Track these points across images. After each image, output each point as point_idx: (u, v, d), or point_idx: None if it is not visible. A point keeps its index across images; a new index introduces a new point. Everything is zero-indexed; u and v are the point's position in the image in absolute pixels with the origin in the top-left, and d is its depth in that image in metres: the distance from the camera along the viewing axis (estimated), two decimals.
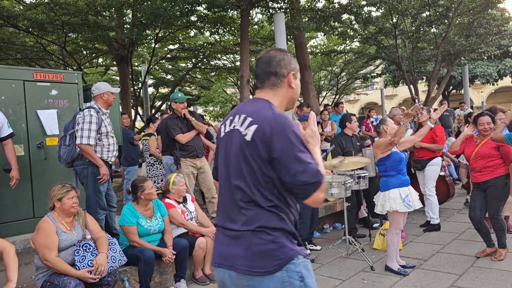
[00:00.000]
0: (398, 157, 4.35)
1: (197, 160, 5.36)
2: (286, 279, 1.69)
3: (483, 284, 3.95)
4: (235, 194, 1.78)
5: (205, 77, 19.17)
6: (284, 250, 1.71)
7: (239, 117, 1.82)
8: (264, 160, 1.71)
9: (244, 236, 1.73)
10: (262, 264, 1.69)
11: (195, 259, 4.30)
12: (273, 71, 1.85)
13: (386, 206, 4.33)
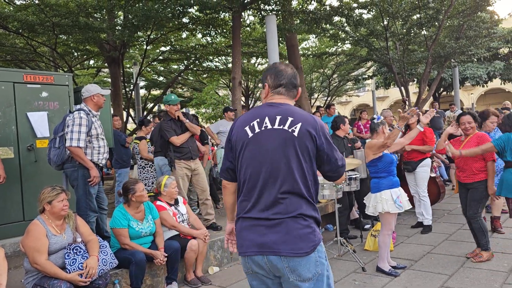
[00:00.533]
0: (389, 159, 4.38)
1: (191, 162, 5.35)
2: (318, 259, 2.00)
3: (473, 284, 3.99)
4: (273, 186, 2.01)
5: (197, 79, 19.14)
6: (316, 234, 2.01)
7: (273, 118, 2.08)
8: (310, 152, 2.04)
9: (283, 223, 1.98)
10: (301, 246, 1.95)
11: (187, 261, 4.29)
12: (297, 84, 2.20)
13: (378, 207, 4.36)
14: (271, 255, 1.98)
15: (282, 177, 2.00)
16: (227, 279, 4.52)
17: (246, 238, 2.05)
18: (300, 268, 1.96)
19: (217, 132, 7.52)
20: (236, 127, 2.17)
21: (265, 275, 2.07)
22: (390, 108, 13.81)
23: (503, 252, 4.84)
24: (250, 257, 2.05)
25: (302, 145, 2.02)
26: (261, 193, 2.03)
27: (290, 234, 1.97)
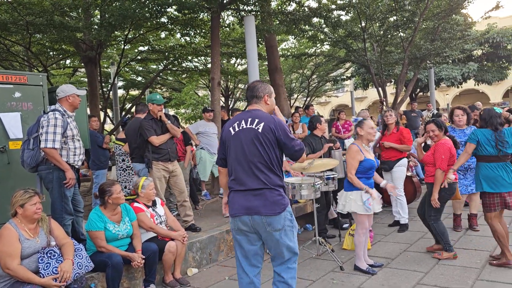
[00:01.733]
0: (369, 165, 4.40)
1: (169, 163, 5.30)
2: (286, 216, 2.92)
3: (447, 281, 4.07)
4: (254, 167, 2.90)
5: (176, 79, 18.99)
6: (285, 199, 2.94)
7: (247, 120, 2.98)
8: (272, 142, 2.91)
9: (263, 193, 2.88)
10: (275, 208, 2.87)
11: (165, 263, 4.25)
12: (255, 95, 3.11)
13: (346, 206, 4.44)
14: (255, 215, 2.88)
15: (257, 160, 2.90)
16: (206, 281, 4.50)
17: (235, 203, 2.96)
18: (274, 222, 2.88)
19: (196, 133, 7.48)
20: (225, 127, 3.09)
21: (248, 230, 2.95)
22: (368, 109, 14.01)
23: (476, 249, 4.96)
24: (239, 217, 2.94)
25: (265, 137, 2.90)
26: (244, 173, 2.92)
27: (268, 200, 2.87)
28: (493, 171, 4.35)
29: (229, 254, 5.38)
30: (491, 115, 4.40)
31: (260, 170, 2.88)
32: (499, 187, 4.31)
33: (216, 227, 5.55)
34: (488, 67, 22.10)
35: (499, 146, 4.29)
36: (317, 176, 5.19)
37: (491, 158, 4.36)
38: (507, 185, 4.30)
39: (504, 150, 4.31)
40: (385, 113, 6.58)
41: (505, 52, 21.42)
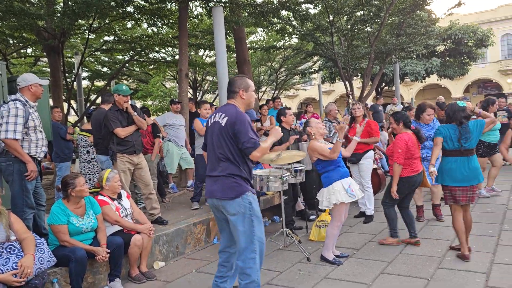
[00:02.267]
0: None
1: (134, 156, 5.20)
2: (241, 202, 3.15)
3: (410, 269, 4.20)
4: (217, 156, 3.21)
5: (143, 71, 18.60)
6: (241, 186, 3.17)
7: (219, 114, 3.27)
8: (231, 135, 3.14)
9: (220, 179, 3.19)
10: (228, 193, 3.15)
11: (131, 257, 4.19)
12: (232, 90, 3.33)
13: (332, 199, 4.40)
14: (213, 198, 3.24)
15: (219, 150, 3.20)
16: (173, 274, 4.47)
17: (206, 187, 3.33)
18: (227, 206, 3.17)
19: (164, 125, 7.37)
20: (208, 118, 3.44)
21: (216, 210, 3.34)
22: (335, 102, 14.21)
23: (438, 238, 5.14)
24: (208, 199, 3.33)
25: (227, 131, 3.16)
26: (212, 161, 3.28)
27: (223, 186, 3.17)
28: (452, 165, 4.42)
29: (197, 246, 5.36)
30: (454, 110, 4.47)
31: (221, 160, 3.19)
32: (457, 181, 4.39)
33: (184, 220, 5.50)
34: (450, 63, 22.86)
35: (462, 141, 4.36)
36: (284, 168, 5.23)
37: (453, 153, 4.43)
38: (464, 180, 4.37)
39: (466, 145, 4.35)
40: (352, 105, 6.69)
41: (466, 48, 22.19)
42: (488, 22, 36.39)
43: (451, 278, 3.92)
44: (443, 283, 3.82)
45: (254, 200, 3.21)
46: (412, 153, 4.82)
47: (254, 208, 3.19)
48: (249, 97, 3.32)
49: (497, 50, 38.72)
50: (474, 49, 22.57)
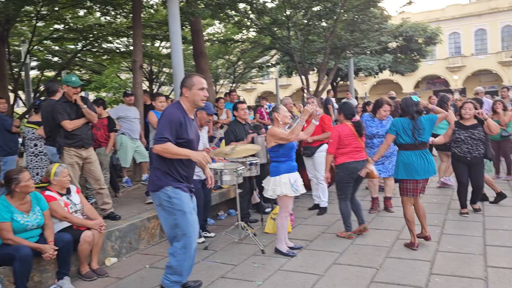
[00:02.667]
0: (291, 145, 4.55)
1: (83, 150, 5.01)
2: (161, 196, 3.33)
3: (360, 259, 4.33)
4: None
5: (96, 61, 17.98)
6: (160, 181, 3.34)
7: None
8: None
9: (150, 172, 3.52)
10: (150, 186, 3.42)
11: (81, 254, 4.05)
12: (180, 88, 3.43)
13: (276, 190, 4.50)
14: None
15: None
16: (125, 270, 4.37)
17: None
18: (153, 197, 3.43)
19: (117, 118, 7.17)
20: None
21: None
22: (291, 96, 14.39)
23: (387, 229, 5.33)
24: None
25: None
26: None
27: (150, 178, 3.45)
28: (409, 159, 4.53)
29: (151, 241, 5.27)
30: (408, 104, 4.59)
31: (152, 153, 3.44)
32: (414, 174, 4.52)
33: (137, 215, 5.39)
34: (402, 59, 23.69)
35: (415, 134, 4.48)
36: (239, 162, 5.23)
37: (408, 146, 4.55)
38: (421, 173, 4.51)
39: (420, 138, 4.49)
40: (307, 100, 6.78)
41: (417, 45, 23.08)
42: (437, 20, 37.98)
43: (398, 266, 4.08)
44: (391, 271, 3.96)
45: (176, 194, 3.32)
46: (346, 144, 5.00)
47: (175, 202, 3.31)
48: (192, 95, 3.36)
49: (445, 48, 40.55)
50: (424, 46, 23.54)
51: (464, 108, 5.74)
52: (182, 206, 3.32)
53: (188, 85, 3.36)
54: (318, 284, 3.76)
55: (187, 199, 3.39)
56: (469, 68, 41.31)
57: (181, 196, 3.34)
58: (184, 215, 3.32)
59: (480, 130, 5.64)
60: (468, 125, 5.69)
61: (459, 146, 5.72)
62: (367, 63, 21.02)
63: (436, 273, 3.88)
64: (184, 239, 3.33)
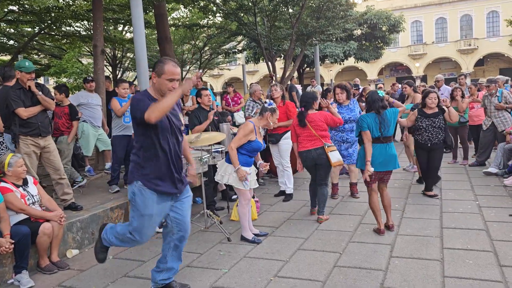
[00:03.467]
0: (256, 147, 4.61)
1: (40, 139, 4.81)
2: (132, 190, 3.11)
3: (324, 244, 4.41)
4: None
5: (55, 45, 17.26)
6: (132, 174, 3.12)
7: None
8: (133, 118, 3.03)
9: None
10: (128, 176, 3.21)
11: (40, 246, 3.92)
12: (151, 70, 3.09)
13: (224, 179, 4.60)
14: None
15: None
16: (88, 262, 4.28)
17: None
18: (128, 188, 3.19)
19: (78, 105, 6.94)
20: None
21: None
22: (258, 82, 14.37)
23: (350, 214, 5.44)
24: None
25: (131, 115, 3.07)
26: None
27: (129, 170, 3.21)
28: (373, 151, 4.62)
29: None
30: (374, 99, 4.67)
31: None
32: (376, 167, 4.62)
33: (100, 205, 5.27)
34: (366, 46, 24.08)
35: (382, 129, 4.59)
36: (204, 150, 5.18)
37: (373, 140, 4.64)
38: (380, 166, 4.63)
39: (385, 132, 4.61)
40: (271, 87, 6.78)
41: (381, 33, 23.47)
42: (400, 9, 38.78)
43: (360, 251, 4.18)
44: (353, 255, 4.06)
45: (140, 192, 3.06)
46: (299, 133, 5.27)
47: (136, 200, 3.09)
48: (159, 84, 3.00)
49: (407, 35, 41.52)
50: (387, 34, 23.98)
51: (429, 97, 5.89)
52: (143, 208, 3.07)
53: (158, 71, 2.99)
54: (283, 270, 3.81)
55: (152, 202, 3.07)
56: (430, 56, 42.56)
57: (145, 197, 3.05)
58: (141, 217, 3.10)
59: (440, 119, 5.86)
60: (430, 113, 5.89)
61: (420, 134, 5.95)
62: (333, 50, 21.24)
63: (396, 256, 4.00)
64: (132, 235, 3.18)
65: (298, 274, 3.72)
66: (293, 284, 3.53)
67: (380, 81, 42.02)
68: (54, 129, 6.19)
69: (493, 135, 7.83)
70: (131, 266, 4.10)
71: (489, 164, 7.69)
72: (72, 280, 3.87)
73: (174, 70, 3.00)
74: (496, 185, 6.46)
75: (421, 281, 3.44)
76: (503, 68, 39.04)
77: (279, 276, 3.70)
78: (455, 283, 3.38)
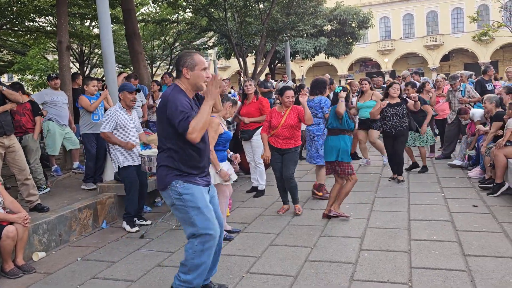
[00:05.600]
0: (227, 137, 4.58)
1: (5, 138, 4.67)
2: (171, 194, 2.93)
3: (295, 239, 4.45)
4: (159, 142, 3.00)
5: (19, 41, 16.68)
6: (167, 178, 2.92)
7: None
8: (165, 119, 2.82)
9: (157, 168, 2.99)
10: (159, 184, 2.98)
11: (3, 250, 3.79)
12: (177, 68, 2.94)
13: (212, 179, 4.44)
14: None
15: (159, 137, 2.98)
16: (55, 264, 4.17)
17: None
18: (164, 196, 3.01)
19: (42, 103, 6.73)
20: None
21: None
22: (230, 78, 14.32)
23: (321, 208, 5.47)
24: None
25: (160, 113, 2.89)
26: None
27: (158, 175, 2.98)
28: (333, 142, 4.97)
29: (83, 233, 5.06)
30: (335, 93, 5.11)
31: (159, 146, 2.99)
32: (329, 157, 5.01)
33: (68, 205, 5.14)
34: (336, 42, 24.34)
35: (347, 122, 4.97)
36: None
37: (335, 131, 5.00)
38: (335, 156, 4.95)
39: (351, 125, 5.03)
40: (244, 83, 6.76)
41: (350, 29, 23.78)
42: (368, 5, 39.38)
43: (331, 244, 4.24)
44: (324, 249, 4.11)
45: (187, 189, 2.89)
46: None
47: (186, 198, 2.88)
48: (195, 77, 2.86)
49: (376, 31, 42.27)
50: (357, 30, 24.32)
51: (393, 87, 6.51)
52: (195, 201, 2.89)
53: (190, 65, 2.85)
54: (255, 266, 3.82)
55: (200, 193, 2.93)
56: (398, 51, 43.48)
57: (193, 191, 2.90)
58: (199, 211, 2.90)
59: (403, 107, 6.47)
60: (393, 103, 6.47)
61: (385, 123, 6.52)
62: (304, 46, 21.35)
63: (366, 248, 4.08)
64: (203, 237, 2.90)
65: (270, 269, 3.73)
66: (265, 279, 3.54)
67: (350, 77, 42.66)
68: (17, 127, 5.99)
69: (457, 129, 8.08)
70: (100, 267, 4.02)
71: (454, 156, 7.94)
72: (39, 283, 3.76)
73: (203, 59, 2.94)
74: (460, 177, 6.68)
75: (389, 273, 3.52)
76: (468, 63, 40.31)
77: (251, 272, 3.71)
78: (422, 273, 3.47)
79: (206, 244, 2.90)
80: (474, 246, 3.97)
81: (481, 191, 5.80)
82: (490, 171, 5.94)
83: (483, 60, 39.36)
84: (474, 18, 24.60)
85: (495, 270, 3.45)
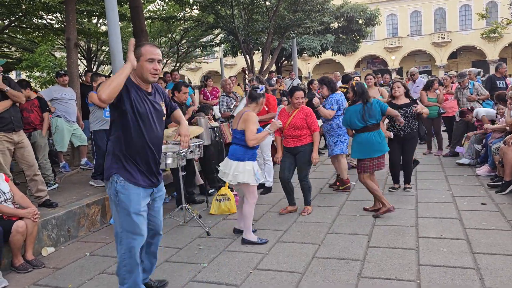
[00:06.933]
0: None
1: (14, 134, 4.70)
2: (110, 186, 2.88)
3: (303, 236, 4.44)
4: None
5: (27, 38, 16.77)
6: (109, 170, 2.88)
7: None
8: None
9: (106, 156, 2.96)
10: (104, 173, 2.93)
11: (13, 245, 3.83)
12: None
13: (239, 177, 4.27)
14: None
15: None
16: (64, 259, 4.20)
17: None
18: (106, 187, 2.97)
19: (51, 99, 6.77)
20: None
21: None
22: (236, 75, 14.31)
23: (328, 205, 5.50)
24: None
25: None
26: None
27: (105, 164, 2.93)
28: (363, 140, 5.01)
29: (91, 228, 5.09)
30: (364, 90, 5.05)
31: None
32: (369, 153, 4.99)
33: (76, 201, 5.17)
34: (343, 39, 24.25)
35: (366, 118, 4.94)
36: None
37: (361, 130, 5.02)
38: (375, 151, 4.99)
39: (370, 121, 4.97)
40: (249, 81, 6.76)
41: (357, 26, 23.68)
42: (375, 2, 39.15)
43: (338, 241, 4.23)
44: (332, 246, 4.11)
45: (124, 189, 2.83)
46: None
47: (120, 198, 2.83)
48: (140, 68, 2.80)
49: (383, 29, 42.04)
50: (364, 27, 24.22)
51: (394, 88, 5.97)
52: (128, 205, 2.83)
53: (136, 55, 2.77)
54: (263, 263, 3.82)
55: (137, 197, 2.86)
56: (405, 49, 43.20)
57: (130, 192, 2.83)
58: (128, 215, 2.85)
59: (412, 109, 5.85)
60: (400, 104, 5.86)
61: (392, 125, 5.89)
62: (310, 43, 21.29)
63: (373, 245, 4.07)
64: (126, 243, 2.89)
65: (277, 266, 3.74)
66: (272, 276, 3.55)
67: (357, 74, 42.49)
68: (26, 124, 6.03)
69: (465, 126, 8.02)
70: (108, 263, 4.05)
71: (462, 155, 7.89)
72: (48, 278, 3.79)
73: (152, 50, 2.82)
74: (469, 175, 6.64)
75: (397, 270, 3.51)
76: (475, 61, 39.99)
77: (259, 268, 3.71)
78: (430, 271, 3.46)
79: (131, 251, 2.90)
80: (483, 244, 3.94)
81: (490, 189, 5.76)
82: (499, 169, 5.90)
83: (491, 58, 39.05)
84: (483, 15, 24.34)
85: (504, 268, 3.43)
